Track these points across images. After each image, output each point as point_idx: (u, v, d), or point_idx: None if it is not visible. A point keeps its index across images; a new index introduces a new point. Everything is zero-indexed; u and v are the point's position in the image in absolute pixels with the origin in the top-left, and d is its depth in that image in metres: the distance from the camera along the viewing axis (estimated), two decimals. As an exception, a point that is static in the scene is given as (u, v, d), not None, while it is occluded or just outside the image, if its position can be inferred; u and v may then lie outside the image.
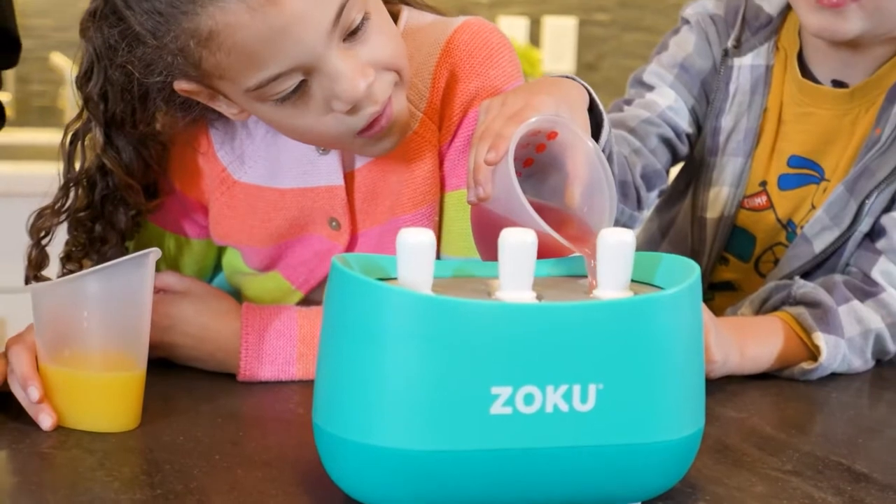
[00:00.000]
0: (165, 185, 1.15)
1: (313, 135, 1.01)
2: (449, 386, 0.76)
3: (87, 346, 0.93)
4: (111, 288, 0.92)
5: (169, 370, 1.07)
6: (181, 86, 1.00)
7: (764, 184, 1.28)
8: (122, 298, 0.92)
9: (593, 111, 1.02)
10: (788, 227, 1.28)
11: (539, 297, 0.83)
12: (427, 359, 0.76)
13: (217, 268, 1.24)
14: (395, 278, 0.85)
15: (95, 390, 0.93)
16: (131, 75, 1.00)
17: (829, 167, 1.25)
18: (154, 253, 0.93)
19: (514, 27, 3.00)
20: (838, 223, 1.21)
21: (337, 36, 0.95)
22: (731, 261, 1.32)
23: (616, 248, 0.84)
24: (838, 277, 1.17)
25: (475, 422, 0.76)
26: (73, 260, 1.11)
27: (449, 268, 0.89)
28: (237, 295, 1.19)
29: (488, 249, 0.97)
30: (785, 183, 1.27)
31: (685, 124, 1.29)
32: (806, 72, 1.27)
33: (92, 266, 1.02)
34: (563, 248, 0.89)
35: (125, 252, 1.10)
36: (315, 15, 0.93)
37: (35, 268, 1.10)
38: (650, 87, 1.30)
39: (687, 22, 1.33)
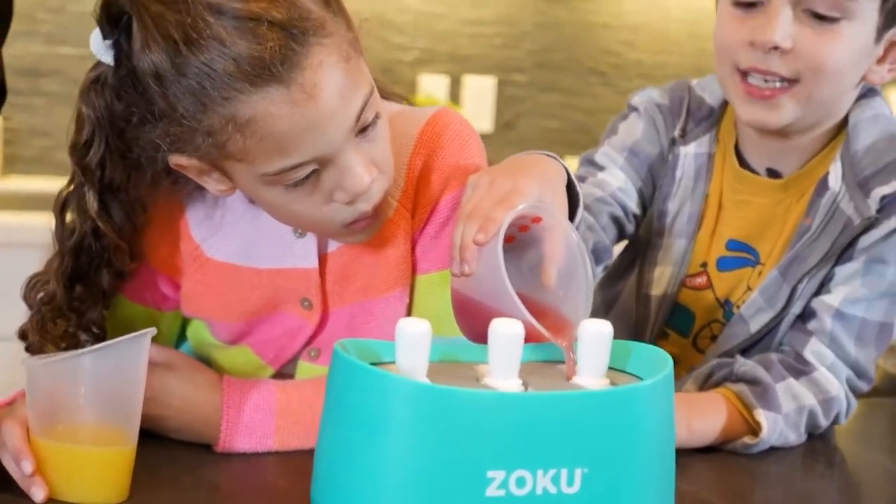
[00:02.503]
0: (139, 251, 1.17)
1: (305, 220, 1.06)
2: (447, 469, 0.82)
3: (80, 421, 0.96)
4: (107, 366, 0.95)
5: (149, 437, 1.10)
6: (177, 160, 1.03)
7: (704, 265, 1.37)
8: (117, 377, 0.96)
9: (570, 189, 1.08)
10: (725, 305, 1.36)
11: (525, 384, 0.90)
12: (427, 443, 0.82)
13: (182, 335, 1.27)
14: (389, 362, 0.91)
15: (87, 465, 0.96)
16: (134, 146, 1.03)
17: (765, 252, 1.34)
18: (150, 332, 0.96)
19: (435, 85, 3.07)
20: (772, 305, 1.30)
21: (353, 132, 1.01)
22: (672, 335, 1.40)
23: (595, 338, 0.91)
24: (774, 356, 1.26)
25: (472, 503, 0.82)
26: (45, 323, 1.12)
27: (437, 352, 0.95)
28: (207, 365, 1.22)
29: (466, 323, 1.03)
30: (723, 265, 1.36)
31: (633, 205, 1.37)
32: (743, 161, 1.36)
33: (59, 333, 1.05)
34: (541, 336, 0.96)
35: (103, 315, 1.13)
36: (344, 111, 0.99)
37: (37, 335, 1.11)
38: (601, 168, 1.38)
39: (635, 109, 1.42)
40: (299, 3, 0.98)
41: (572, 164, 3.12)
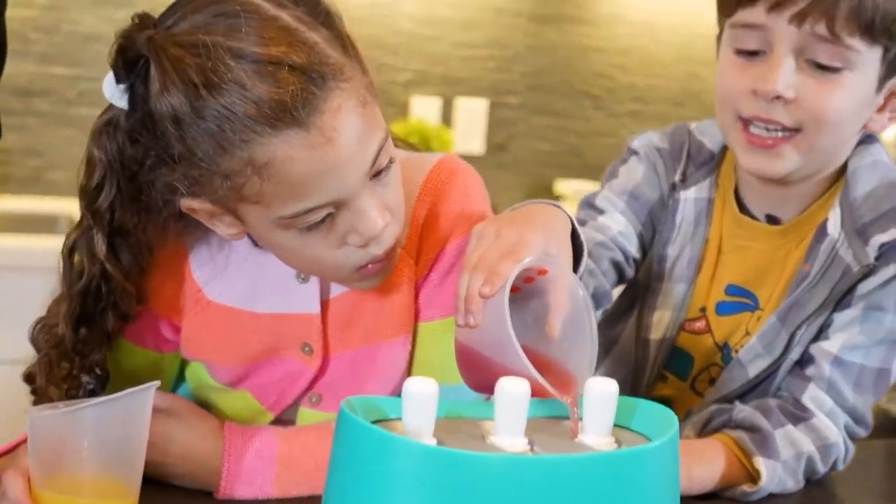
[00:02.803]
0: (143, 293, 1.17)
1: (316, 264, 1.06)
2: (454, 532, 0.81)
3: (82, 474, 0.95)
4: (110, 419, 0.95)
5: (149, 483, 1.10)
6: (189, 204, 1.03)
7: (703, 309, 1.37)
8: (120, 429, 0.95)
9: (574, 237, 1.08)
10: (724, 349, 1.36)
11: (531, 443, 0.90)
12: (434, 506, 0.82)
13: (180, 376, 1.27)
14: (395, 419, 0.91)
15: (89, 518, 0.96)
16: (148, 189, 1.02)
17: (763, 297, 1.34)
18: (154, 385, 0.96)
19: (427, 107, 3.08)
20: (771, 351, 1.30)
21: (369, 176, 1.01)
22: (670, 378, 1.40)
23: (601, 397, 0.91)
24: (773, 402, 1.26)
25: (478, 566, 0.82)
26: (52, 367, 1.11)
27: (441, 408, 0.95)
28: (207, 408, 1.22)
29: (469, 373, 1.03)
30: (722, 309, 1.36)
31: (633, 250, 1.37)
32: (742, 206, 1.37)
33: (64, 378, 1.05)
34: (545, 391, 0.96)
35: (105, 357, 1.13)
36: (361, 156, 1.00)
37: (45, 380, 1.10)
38: (601, 212, 1.38)
39: (635, 153, 1.42)
40: (318, 48, 0.98)
41: (565, 186, 3.12)
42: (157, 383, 0.97)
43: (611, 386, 0.91)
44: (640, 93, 3.27)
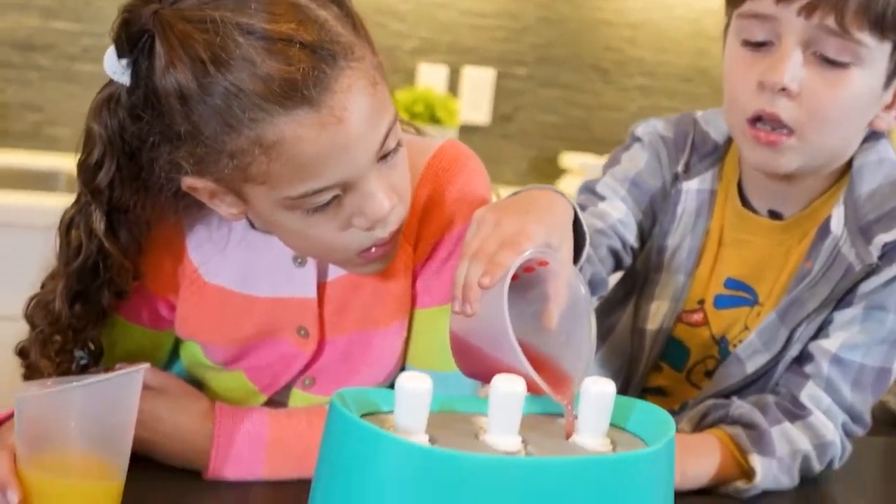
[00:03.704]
0: (139, 271, 1.15)
1: (319, 246, 1.04)
2: (443, 533, 0.80)
3: (69, 453, 0.94)
4: (98, 401, 0.93)
5: (137, 462, 1.08)
6: (191, 182, 1.01)
7: (702, 302, 1.36)
8: (108, 412, 0.94)
9: (576, 225, 1.07)
10: (721, 343, 1.35)
11: (524, 442, 0.88)
12: (424, 505, 0.80)
13: (174, 353, 1.25)
14: (387, 412, 0.89)
15: (76, 498, 0.94)
16: (151, 168, 1.00)
17: (763, 292, 1.33)
18: (143, 368, 0.95)
19: (434, 75, 3.05)
20: (769, 348, 1.29)
21: (377, 158, 0.99)
22: (665, 369, 1.39)
23: (597, 398, 0.89)
24: (770, 398, 1.25)
25: (466, 568, 0.81)
26: (46, 343, 1.10)
27: (436, 402, 0.93)
28: (199, 387, 1.21)
29: (464, 362, 1.01)
30: (720, 303, 1.35)
31: (632, 238, 1.36)
32: (745, 200, 1.35)
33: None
34: (539, 388, 0.94)
35: (100, 334, 1.11)
36: (370, 136, 0.98)
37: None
38: (602, 198, 1.36)
39: (639, 140, 1.40)
40: (328, 26, 0.96)
41: (570, 159, 3.10)
42: (147, 366, 0.96)
43: (608, 387, 0.89)
44: (650, 67, 3.24)
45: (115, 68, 0.99)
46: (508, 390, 0.87)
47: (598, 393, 0.89)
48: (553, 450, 0.87)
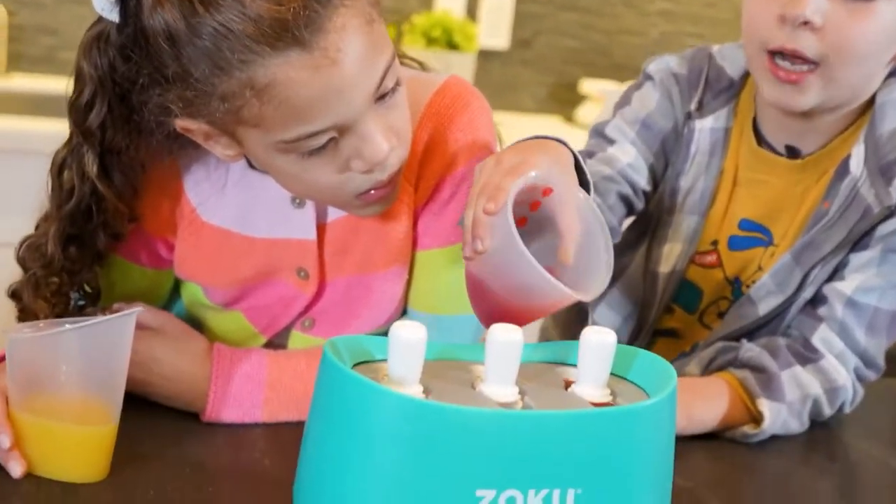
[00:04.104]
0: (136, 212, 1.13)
1: (316, 189, 1.01)
2: (435, 487, 0.79)
3: (62, 397, 0.93)
4: (90, 344, 0.92)
5: (134, 405, 1.07)
6: (184, 124, 0.98)
7: (715, 243, 1.32)
8: (100, 355, 0.93)
9: (579, 173, 1.04)
10: (735, 284, 1.32)
11: (522, 392, 0.86)
12: (413, 459, 0.79)
13: (175, 293, 1.23)
14: (381, 360, 0.87)
15: (68, 442, 0.93)
16: (140, 110, 0.98)
17: (778, 233, 1.29)
18: (136, 312, 0.93)
19: (451, 0, 2.98)
20: (783, 290, 1.26)
21: (374, 99, 0.96)
22: (677, 311, 1.36)
23: (598, 348, 0.87)
24: (782, 341, 1.22)
25: (459, 523, 0.79)
26: (39, 285, 1.09)
27: (433, 350, 0.91)
28: (199, 327, 1.19)
29: (481, 306, 0.99)
30: (735, 244, 1.31)
31: (644, 182, 1.32)
32: (760, 137, 1.30)
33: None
34: (559, 299, 0.92)
35: (96, 274, 1.10)
36: (366, 77, 0.94)
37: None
38: (611, 141, 1.33)
39: (650, 78, 1.35)
40: None
41: (590, 85, 3.03)
42: (140, 309, 0.94)
43: (608, 337, 0.87)
44: (673, -8, 3.16)
45: (104, 4, 0.96)
46: (506, 339, 0.84)
47: (598, 342, 0.87)
48: (551, 401, 0.85)
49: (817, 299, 1.25)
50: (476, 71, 2.95)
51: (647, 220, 1.37)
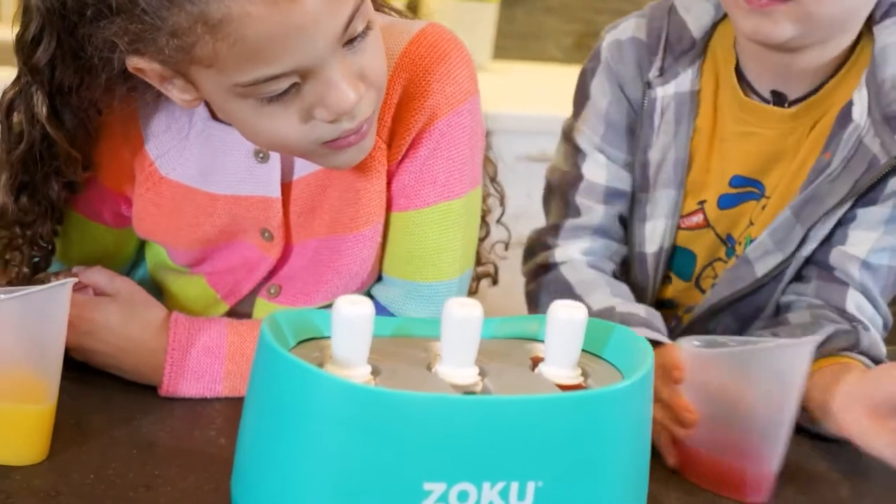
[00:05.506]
0: (91, 160, 1.06)
1: (278, 138, 0.92)
2: (379, 479, 0.72)
3: (-6, 372, 0.86)
4: (25, 316, 0.85)
5: (84, 375, 1.01)
6: (135, 63, 0.90)
7: (702, 202, 1.23)
8: (33, 327, 0.85)
9: None
10: (728, 241, 1.23)
11: (482, 373, 0.79)
12: (356, 449, 0.72)
13: (140, 256, 1.17)
14: (328, 338, 0.80)
15: (3, 423, 0.87)
16: (86, 45, 0.90)
17: (771, 185, 1.20)
18: (70, 282, 0.86)
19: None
20: (782, 248, 1.17)
21: (340, 43, 0.88)
22: (674, 280, 1.28)
23: (567, 324, 0.79)
24: (835, 324, 1.12)
25: (405, 519, 0.72)
26: None
27: (389, 326, 0.84)
28: (160, 293, 1.13)
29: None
30: (725, 202, 1.22)
31: (626, 186, 1.24)
32: (744, 86, 1.20)
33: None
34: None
35: (53, 230, 1.03)
36: (330, 17, 0.85)
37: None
38: (582, 155, 1.24)
39: (601, 62, 1.25)
40: None
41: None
42: (74, 280, 0.87)
43: (578, 313, 0.79)
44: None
45: None
46: (462, 315, 0.77)
47: (567, 319, 0.79)
48: (512, 383, 0.78)
49: (820, 264, 1.16)
50: (499, 19, 2.84)
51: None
